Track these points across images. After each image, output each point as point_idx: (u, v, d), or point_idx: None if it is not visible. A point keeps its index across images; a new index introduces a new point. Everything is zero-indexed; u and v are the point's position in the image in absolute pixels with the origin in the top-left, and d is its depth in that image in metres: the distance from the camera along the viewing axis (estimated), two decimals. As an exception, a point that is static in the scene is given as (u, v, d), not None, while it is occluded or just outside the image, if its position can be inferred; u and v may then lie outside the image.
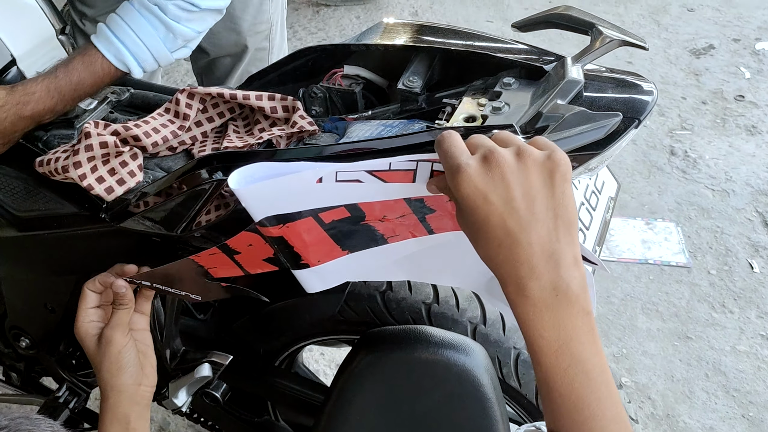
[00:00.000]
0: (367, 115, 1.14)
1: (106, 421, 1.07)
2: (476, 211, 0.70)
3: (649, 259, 2.45)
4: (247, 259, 0.98)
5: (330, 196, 0.84)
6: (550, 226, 0.69)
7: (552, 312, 0.69)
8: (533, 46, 1.05)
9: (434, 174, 0.81)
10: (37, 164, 1.11)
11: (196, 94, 1.17)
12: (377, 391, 1.09)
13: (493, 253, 0.71)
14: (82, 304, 1.09)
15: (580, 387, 0.69)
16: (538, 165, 0.70)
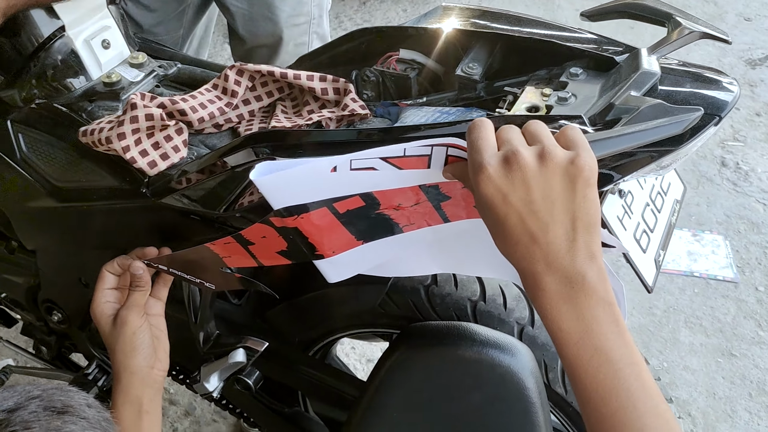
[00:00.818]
0: (422, 102, 1.09)
1: (119, 403, 1.06)
2: (495, 209, 0.71)
3: (694, 272, 2.38)
4: (261, 250, 0.96)
5: (344, 185, 0.84)
6: (568, 228, 0.70)
7: (569, 304, 0.69)
8: (602, 36, 0.99)
9: (449, 160, 0.79)
10: (81, 134, 1.08)
11: (245, 71, 1.13)
12: (416, 388, 1.04)
13: (511, 249, 0.72)
14: (100, 284, 1.09)
15: (605, 378, 0.68)
16: (561, 169, 0.70)
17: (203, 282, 1.08)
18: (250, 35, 1.86)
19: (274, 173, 0.82)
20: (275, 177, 0.82)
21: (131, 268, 1.07)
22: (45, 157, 1.15)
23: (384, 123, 1.06)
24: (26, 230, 1.28)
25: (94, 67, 1.20)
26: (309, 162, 0.83)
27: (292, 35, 1.83)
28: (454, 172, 0.79)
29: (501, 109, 0.96)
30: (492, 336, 1.02)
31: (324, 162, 0.81)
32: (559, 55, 0.97)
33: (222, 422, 1.98)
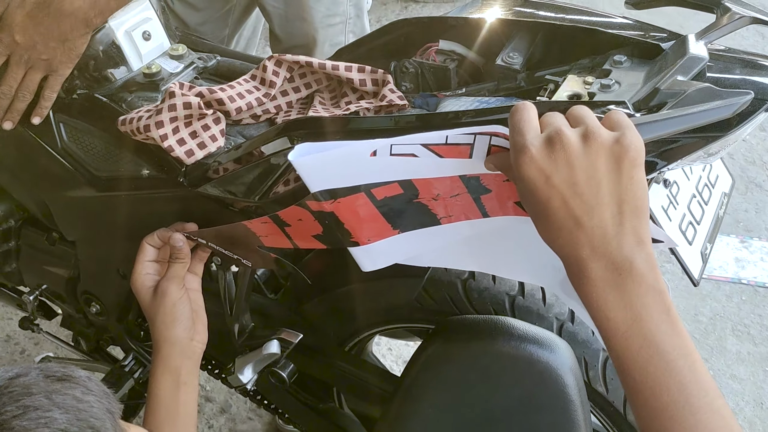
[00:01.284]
0: (461, 93, 1.08)
1: (158, 373, 1.08)
2: (537, 192, 0.69)
3: (742, 279, 2.31)
4: (297, 232, 0.96)
5: (384, 170, 0.82)
6: (614, 211, 0.68)
7: (617, 291, 0.66)
8: (645, 23, 0.97)
9: (492, 150, 0.77)
10: (120, 123, 1.09)
11: (284, 61, 1.13)
12: (452, 383, 1.02)
13: (554, 235, 0.70)
14: (140, 256, 1.11)
15: (656, 370, 0.65)
16: (606, 149, 0.68)
17: (240, 258, 1.08)
18: (286, 35, 1.85)
19: (312, 154, 0.81)
20: (313, 158, 0.81)
21: (171, 240, 1.08)
22: (85, 146, 1.16)
23: (422, 113, 1.04)
24: (66, 220, 1.29)
25: (135, 59, 1.20)
26: (348, 145, 0.81)
27: (327, 35, 1.82)
28: (497, 163, 0.77)
29: (541, 98, 0.94)
30: (531, 331, 0.99)
31: (364, 145, 0.80)
32: (602, 44, 0.95)
33: (257, 420, 1.98)
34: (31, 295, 1.51)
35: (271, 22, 1.81)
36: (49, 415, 0.63)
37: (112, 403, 0.70)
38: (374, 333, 1.30)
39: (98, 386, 0.69)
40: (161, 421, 1.06)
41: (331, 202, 0.85)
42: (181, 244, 1.08)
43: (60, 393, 0.65)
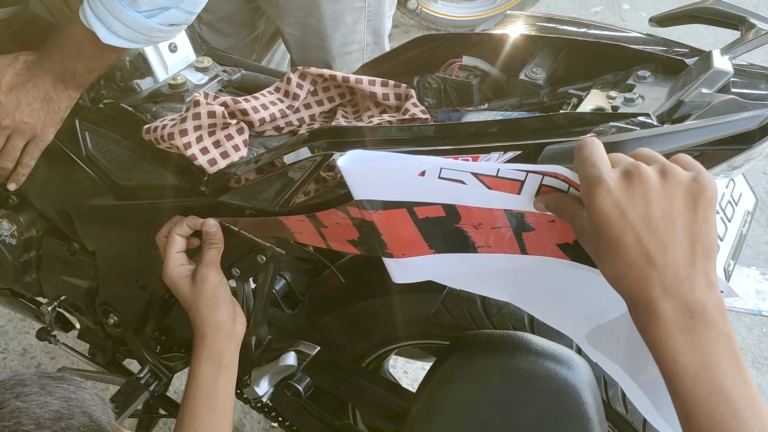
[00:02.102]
0: (483, 108, 1.08)
1: (202, 358, 1.08)
2: (610, 227, 0.67)
3: (763, 311, 2.29)
4: (333, 235, 0.96)
5: (429, 191, 0.82)
6: (688, 251, 0.66)
7: (687, 335, 0.65)
8: (668, 39, 0.97)
9: (542, 190, 0.77)
10: (144, 131, 1.10)
11: (308, 74, 1.14)
12: (467, 399, 1.02)
13: (621, 273, 0.68)
14: (170, 248, 1.10)
15: (723, 419, 0.63)
16: (683, 186, 0.67)
17: (273, 246, 1.08)
18: (303, 62, 1.86)
19: (361, 163, 0.81)
20: (363, 167, 0.81)
21: (205, 226, 1.08)
22: (109, 155, 1.17)
23: (444, 124, 1.05)
24: (87, 229, 1.29)
25: (161, 70, 1.22)
26: (399, 159, 0.82)
27: (344, 63, 1.82)
28: (548, 203, 0.76)
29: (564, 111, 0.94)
30: (548, 347, 0.99)
31: (413, 162, 0.80)
32: (625, 59, 0.96)
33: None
34: (50, 306, 1.51)
35: (290, 50, 1.82)
36: (43, 399, 0.66)
37: (106, 404, 0.72)
38: (392, 349, 1.30)
39: (92, 389, 0.72)
40: (200, 406, 1.07)
41: (372, 212, 0.86)
42: (214, 229, 1.08)
43: (53, 386, 0.68)
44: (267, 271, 1.16)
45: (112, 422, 0.71)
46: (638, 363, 0.86)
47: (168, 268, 1.10)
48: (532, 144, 0.80)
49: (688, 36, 2.73)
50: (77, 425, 0.67)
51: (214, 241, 1.09)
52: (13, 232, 1.43)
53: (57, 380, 0.69)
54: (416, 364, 2.10)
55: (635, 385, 0.88)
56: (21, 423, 0.64)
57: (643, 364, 0.85)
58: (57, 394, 0.67)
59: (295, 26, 1.72)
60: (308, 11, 1.67)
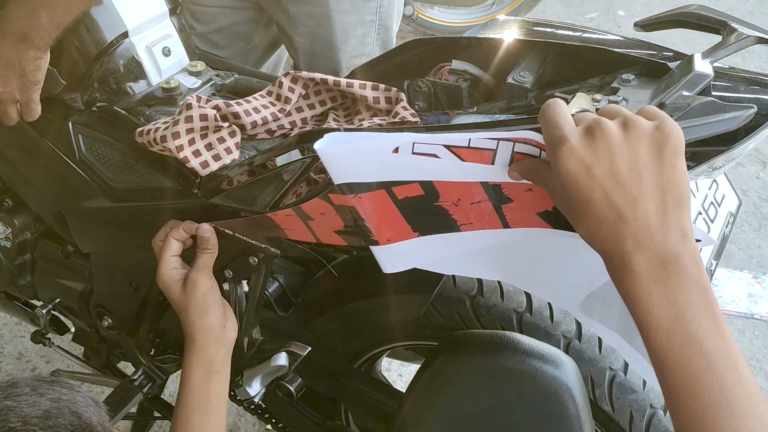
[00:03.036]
0: (472, 111, 1.09)
1: (192, 362, 1.09)
2: (578, 185, 0.67)
3: (755, 314, 2.30)
4: (320, 226, 0.97)
5: (405, 168, 0.82)
6: (658, 201, 0.65)
7: (660, 286, 0.64)
8: (653, 44, 0.98)
9: (515, 158, 0.77)
10: (137, 134, 1.11)
11: (299, 78, 1.15)
12: (456, 398, 1.03)
13: (595, 230, 0.67)
14: (166, 252, 1.11)
15: (697, 370, 0.62)
16: (647, 137, 0.66)
17: (268, 246, 1.09)
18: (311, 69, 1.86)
19: (338, 145, 0.81)
20: (339, 149, 0.81)
21: (200, 230, 1.09)
22: (102, 158, 1.19)
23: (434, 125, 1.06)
24: (81, 231, 1.31)
25: (154, 73, 1.23)
26: (372, 137, 0.82)
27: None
28: (522, 171, 0.75)
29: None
30: (536, 346, 1.00)
31: (386, 139, 0.80)
32: (611, 63, 0.97)
33: (265, 442, 1.97)
34: (44, 309, 1.53)
35: (297, 58, 1.83)
36: (33, 399, 0.67)
37: (100, 406, 0.73)
38: (383, 351, 1.31)
39: (87, 394, 0.72)
40: (192, 410, 1.07)
41: (353, 196, 0.86)
42: (209, 234, 1.09)
43: (44, 387, 0.69)
44: (259, 273, 1.17)
45: (105, 423, 0.72)
46: (633, 326, 0.85)
47: (161, 271, 1.11)
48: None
49: (683, 42, 2.75)
50: (65, 423, 0.68)
51: (207, 246, 1.10)
52: (7, 235, 1.45)
53: (50, 383, 0.70)
54: (411, 368, 2.11)
55: (633, 349, 0.87)
56: (8, 420, 0.65)
57: None
58: (48, 395, 0.68)
59: (305, 36, 1.72)
60: (320, 22, 1.68)
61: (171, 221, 1.13)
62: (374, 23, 1.73)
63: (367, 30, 1.73)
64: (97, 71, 1.19)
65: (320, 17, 1.67)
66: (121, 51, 1.19)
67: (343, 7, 1.66)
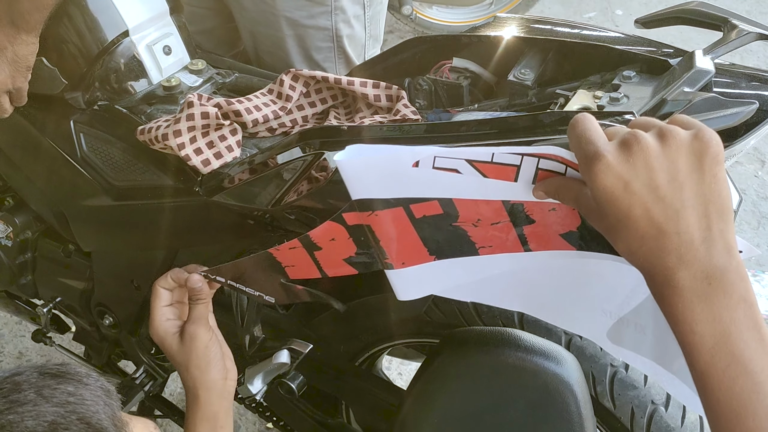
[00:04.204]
0: (473, 108, 1.10)
1: (197, 420, 1.03)
2: (616, 202, 0.64)
3: (754, 312, 2.30)
4: (328, 256, 0.93)
5: (424, 184, 0.79)
6: (701, 213, 0.62)
7: (705, 303, 0.61)
8: (654, 41, 0.99)
9: (540, 175, 0.74)
10: (138, 132, 1.11)
11: (300, 76, 1.15)
12: (457, 395, 1.03)
13: (635, 246, 0.64)
14: (156, 302, 1.07)
15: (742, 391, 0.60)
16: (685, 147, 0.63)
17: (262, 295, 1.05)
18: None
19: (358, 158, 0.78)
20: (358, 161, 0.78)
21: (189, 282, 1.05)
22: (104, 156, 1.19)
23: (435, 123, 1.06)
24: (83, 230, 1.31)
25: (155, 72, 1.23)
26: (392, 149, 0.78)
27: None
28: (548, 189, 0.73)
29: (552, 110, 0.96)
30: (537, 343, 1.00)
31: (407, 152, 0.76)
32: (612, 60, 0.97)
33: (266, 441, 1.97)
34: (45, 308, 1.53)
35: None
36: (37, 408, 0.63)
37: (110, 396, 0.69)
38: (384, 348, 1.31)
39: (96, 381, 0.68)
40: None
41: (369, 213, 0.83)
42: (200, 285, 1.04)
43: (51, 388, 0.65)
44: (260, 271, 1.17)
45: (117, 414, 0.68)
46: (670, 349, 0.81)
47: (154, 323, 1.06)
48: (518, 142, 0.81)
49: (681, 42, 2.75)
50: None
51: (200, 297, 1.05)
52: (8, 234, 1.45)
53: (57, 378, 0.66)
54: (411, 366, 2.11)
55: (670, 374, 0.84)
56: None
57: (675, 348, 0.79)
58: (55, 398, 0.64)
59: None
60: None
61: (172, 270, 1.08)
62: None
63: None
64: (98, 70, 1.19)
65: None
66: (121, 50, 1.19)
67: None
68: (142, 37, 1.21)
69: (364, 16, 1.56)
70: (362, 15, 1.55)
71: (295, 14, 1.48)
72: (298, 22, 1.50)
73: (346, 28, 1.53)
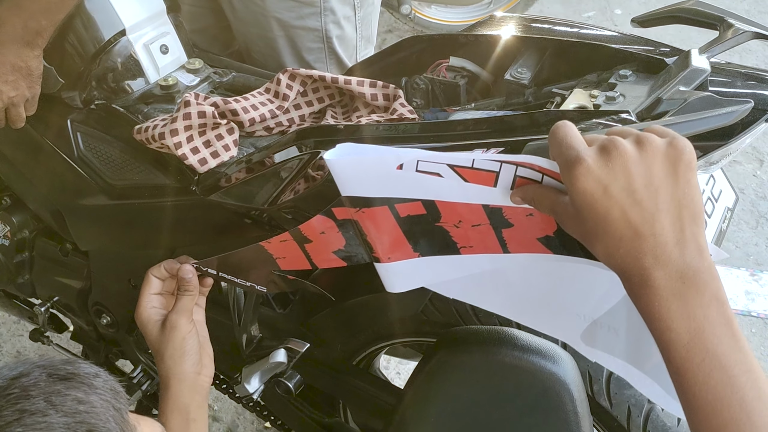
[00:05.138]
0: (470, 107, 1.10)
1: (167, 411, 1.04)
2: (595, 205, 0.66)
3: (752, 311, 2.30)
4: (318, 248, 0.95)
5: (408, 186, 0.81)
6: (674, 217, 0.65)
7: (680, 301, 0.64)
8: (650, 40, 0.99)
9: (517, 182, 0.76)
10: (135, 132, 1.11)
11: (297, 75, 1.15)
12: (454, 393, 1.03)
13: (613, 248, 0.67)
14: (146, 289, 1.07)
15: (717, 384, 0.62)
16: (661, 153, 0.66)
17: (254, 285, 1.06)
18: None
19: (347, 156, 0.80)
20: (347, 160, 0.80)
21: (180, 271, 1.06)
22: (101, 155, 1.19)
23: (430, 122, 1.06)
24: (80, 229, 1.31)
25: (152, 71, 1.23)
26: (378, 150, 0.81)
27: None
28: (525, 196, 0.75)
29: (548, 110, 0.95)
30: (534, 342, 1.00)
31: (391, 154, 0.79)
32: (608, 59, 0.97)
33: (264, 440, 1.97)
34: (43, 307, 1.53)
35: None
36: (46, 420, 0.61)
37: (119, 399, 0.67)
38: (382, 347, 1.31)
39: (105, 382, 0.67)
40: None
41: (357, 210, 0.85)
42: (190, 275, 1.05)
43: (60, 395, 0.63)
44: (257, 270, 1.17)
45: (125, 418, 0.67)
46: (642, 350, 0.85)
47: (140, 308, 1.07)
48: (514, 141, 0.81)
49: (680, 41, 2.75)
50: None
51: (188, 288, 1.06)
52: (5, 233, 1.45)
53: (66, 381, 0.64)
54: (409, 365, 2.11)
55: (642, 374, 0.86)
56: None
57: (648, 349, 0.83)
58: (65, 406, 0.62)
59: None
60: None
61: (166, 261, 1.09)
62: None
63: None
64: (95, 69, 1.19)
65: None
66: (118, 49, 1.20)
67: None
68: (139, 36, 1.21)
69: (354, 17, 1.56)
70: (353, 16, 1.56)
71: (284, 15, 1.49)
72: (288, 23, 1.50)
73: (336, 29, 1.54)
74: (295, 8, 1.48)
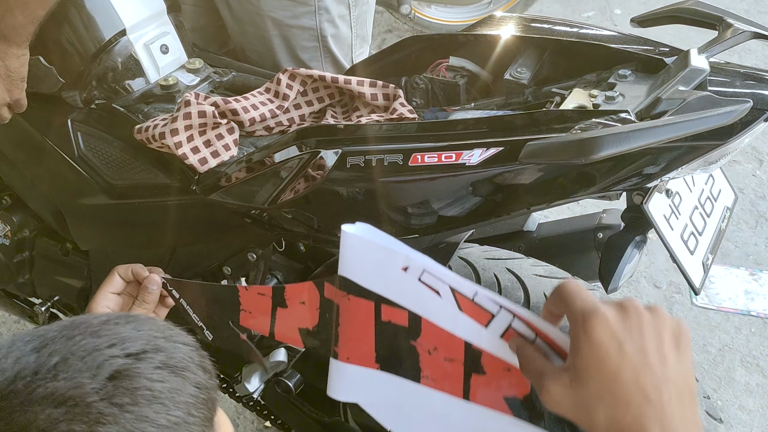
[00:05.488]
0: (469, 107, 1.10)
1: None
2: (607, 361, 0.63)
3: (752, 311, 2.30)
4: (287, 318, 0.92)
5: (404, 292, 0.77)
6: (679, 389, 0.63)
7: None
8: (650, 40, 0.99)
9: (509, 332, 0.72)
10: (136, 131, 1.12)
11: (297, 75, 1.16)
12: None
13: (620, 415, 0.63)
14: (105, 286, 1.02)
15: None
16: (668, 325, 0.66)
17: (203, 327, 1.01)
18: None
19: (362, 236, 0.77)
20: (361, 240, 0.77)
21: (146, 281, 1.00)
22: (101, 155, 1.19)
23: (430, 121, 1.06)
24: (80, 229, 1.31)
25: (152, 71, 1.24)
26: (390, 243, 0.77)
27: None
28: (517, 350, 0.71)
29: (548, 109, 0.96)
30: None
31: (402, 253, 0.75)
32: (607, 59, 0.98)
33: (263, 440, 1.98)
34: (43, 306, 1.53)
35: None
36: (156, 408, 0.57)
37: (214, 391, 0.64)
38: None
39: (209, 379, 0.63)
40: None
41: (344, 295, 0.81)
42: (154, 288, 0.99)
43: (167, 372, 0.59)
44: (258, 270, 1.18)
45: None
46: None
47: (93, 303, 1.01)
48: (514, 140, 0.81)
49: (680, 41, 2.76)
50: None
51: (147, 300, 1.00)
52: (6, 232, 1.45)
53: (181, 373, 0.60)
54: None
55: None
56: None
57: None
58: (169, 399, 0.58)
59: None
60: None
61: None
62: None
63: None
64: (96, 69, 1.19)
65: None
66: (119, 49, 1.20)
67: None
68: (140, 36, 1.22)
69: (349, 16, 1.57)
70: (347, 15, 1.56)
71: (279, 14, 1.49)
72: (283, 22, 1.51)
73: (331, 28, 1.54)
74: (290, 7, 1.49)
